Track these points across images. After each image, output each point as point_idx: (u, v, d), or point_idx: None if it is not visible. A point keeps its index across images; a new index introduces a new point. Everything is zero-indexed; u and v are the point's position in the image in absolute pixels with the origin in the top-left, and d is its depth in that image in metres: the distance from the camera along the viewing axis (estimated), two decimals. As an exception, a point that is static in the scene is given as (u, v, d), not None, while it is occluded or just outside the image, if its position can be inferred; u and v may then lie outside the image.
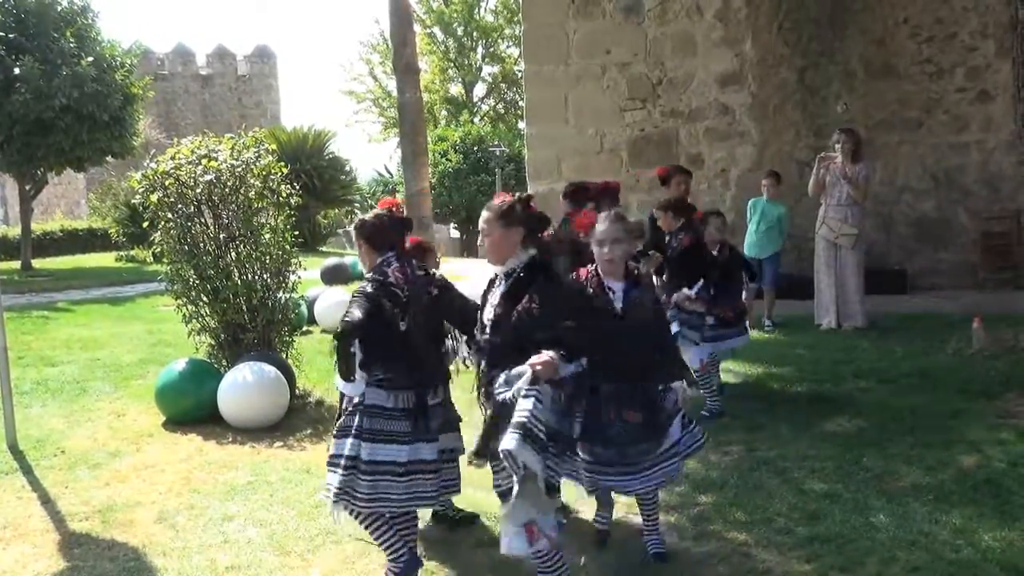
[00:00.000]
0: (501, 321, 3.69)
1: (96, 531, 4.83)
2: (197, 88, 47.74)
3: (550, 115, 12.50)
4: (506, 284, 3.77)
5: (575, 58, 12.38)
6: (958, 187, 11.83)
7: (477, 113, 43.30)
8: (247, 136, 7.74)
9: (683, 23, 12.18)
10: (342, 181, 29.35)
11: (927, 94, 11.78)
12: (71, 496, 5.38)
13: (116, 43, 20.51)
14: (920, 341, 8.45)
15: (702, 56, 12.16)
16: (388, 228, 4.15)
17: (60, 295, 16.09)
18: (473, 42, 43.23)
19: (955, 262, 11.73)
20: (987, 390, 6.65)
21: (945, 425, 5.99)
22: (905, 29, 11.76)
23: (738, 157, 12.17)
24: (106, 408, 7.44)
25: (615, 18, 12.27)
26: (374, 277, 4.03)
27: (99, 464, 5.97)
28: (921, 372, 7.35)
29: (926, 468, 5.21)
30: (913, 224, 11.90)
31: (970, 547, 4.13)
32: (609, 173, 12.37)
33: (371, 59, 44.13)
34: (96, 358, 9.54)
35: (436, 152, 30.63)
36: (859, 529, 4.38)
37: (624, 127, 12.37)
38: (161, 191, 7.30)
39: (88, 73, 18.59)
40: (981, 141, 11.72)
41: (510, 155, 32.88)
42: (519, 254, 3.79)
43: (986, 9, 11.35)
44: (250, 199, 7.43)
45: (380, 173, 43.12)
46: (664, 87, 12.27)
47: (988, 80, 11.53)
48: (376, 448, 3.88)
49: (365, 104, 45.41)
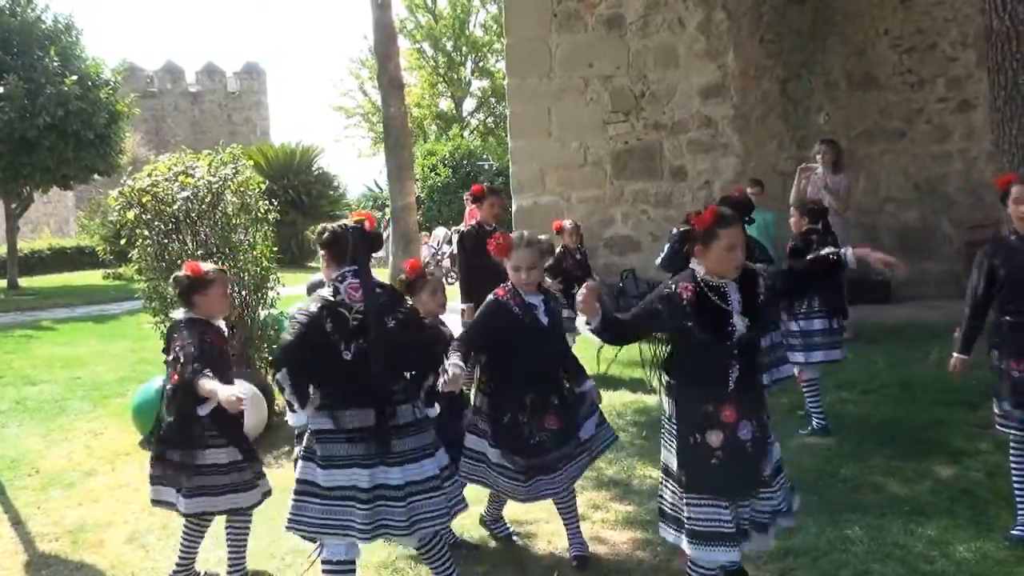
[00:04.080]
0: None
1: (65, 552, 4.78)
2: (187, 105, 47.79)
3: (533, 129, 12.50)
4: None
5: (558, 71, 12.39)
6: (941, 197, 11.85)
7: (467, 127, 43.33)
8: (224, 152, 7.71)
9: (665, 36, 12.20)
10: (330, 196, 29.35)
11: (909, 104, 11.82)
12: (42, 517, 5.33)
13: (101, 61, 20.52)
14: (902, 351, 8.44)
15: (684, 68, 12.18)
16: (349, 239, 3.70)
17: (45, 313, 16.03)
18: (463, 57, 43.27)
19: (939, 271, 11.72)
20: (967, 400, 6.62)
21: (924, 436, 5.98)
22: (886, 40, 11.80)
23: (721, 169, 12.17)
24: (84, 427, 7.39)
25: (597, 31, 12.30)
26: (321, 294, 3.69)
27: (73, 484, 5.92)
28: (902, 382, 7.33)
29: (903, 479, 5.20)
30: (896, 234, 11.90)
31: (944, 558, 4.10)
32: (593, 186, 12.42)
33: (360, 74, 44.13)
34: (77, 377, 9.49)
35: (425, 166, 30.60)
36: (834, 542, 4.35)
37: (607, 140, 12.37)
38: (138, 208, 7.26)
39: (72, 91, 18.58)
40: (963, 150, 11.75)
41: (499, 169, 32.87)
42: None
43: (965, 19, 11.39)
44: (228, 215, 7.39)
45: (370, 188, 43.11)
46: (647, 100, 12.28)
47: (969, 90, 11.57)
48: (332, 473, 3.61)
49: (355, 119, 45.38)
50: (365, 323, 3.55)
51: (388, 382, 3.61)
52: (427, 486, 3.65)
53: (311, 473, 3.63)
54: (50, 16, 20.26)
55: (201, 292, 4.20)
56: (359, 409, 3.59)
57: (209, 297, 4.21)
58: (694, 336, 3.34)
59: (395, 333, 3.61)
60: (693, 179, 12.24)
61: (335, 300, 3.60)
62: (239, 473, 4.14)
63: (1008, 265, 4.33)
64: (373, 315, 3.56)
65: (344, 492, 3.58)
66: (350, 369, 3.55)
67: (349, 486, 3.58)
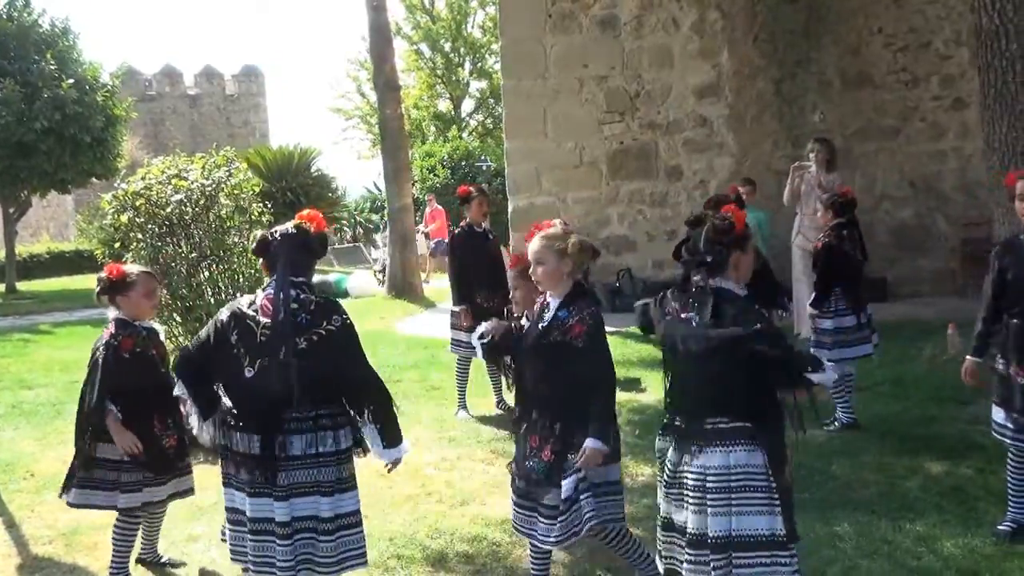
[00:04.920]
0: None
1: (58, 555, 4.80)
2: (185, 108, 47.77)
3: (529, 129, 12.52)
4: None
5: (553, 72, 12.41)
6: (936, 194, 11.88)
7: (466, 129, 43.35)
8: (218, 155, 7.75)
9: (660, 36, 12.22)
10: (329, 198, 29.31)
11: (903, 102, 11.85)
12: (36, 520, 5.35)
13: (98, 64, 20.57)
14: (897, 348, 8.44)
15: (679, 68, 12.20)
16: (277, 246, 3.44)
17: (44, 317, 16.04)
18: (461, 58, 43.30)
19: (935, 269, 11.77)
20: (959, 396, 6.64)
21: (915, 433, 6.00)
22: (880, 38, 11.83)
23: (716, 168, 12.19)
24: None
25: (592, 32, 12.32)
26: (236, 303, 3.48)
27: (67, 487, 5.93)
28: (895, 379, 7.36)
29: (894, 476, 5.22)
30: (892, 232, 11.93)
31: (932, 554, 4.13)
32: (588, 186, 12.43)
33: (358, 76, 44.16)
34: (74, 380, 9.46)
35: (424, 168, 30.62)
36: (823, 538, 4.37)
37: (603, 140, 12.39)
38: (132, 211, 7.30)
39: (69, 95, 18.63)
40: (958, 148, 11.79)
41: (497, 169, 32.90)
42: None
43: (959, 17, 11.41)
44: (222, 218, 7.43)
45: (369, 190, 43.14)
46: (642, 100, 12.30)
47: (963, 88, 11.60)
48: (231, 493, 3.46)
49: (353, 121, 45.41)
50: (271, 341, 3.28)
51: (284, 409, 3.30)
52: (322, 527, 3.37)
53: (230, 498, 3.50)
54: (47, 20, 20.36)
55: (122, 293, 4.22)
56: (246, 433, 3.37)
57: (130, 299, 4.22)
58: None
59: (309, 356, 3.26)
60: (688, 179, 12.26)
61: (245, 311, 3.39)
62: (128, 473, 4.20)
63: (1017, 267, 4.21)
64: (278, 334, 3.26)
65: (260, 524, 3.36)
66: (249, 388, 3.32)
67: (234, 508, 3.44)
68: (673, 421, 3.22)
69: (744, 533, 3.02)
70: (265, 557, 3.36)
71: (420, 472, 5.88)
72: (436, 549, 4.59)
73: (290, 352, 3.24)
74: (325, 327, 3.31)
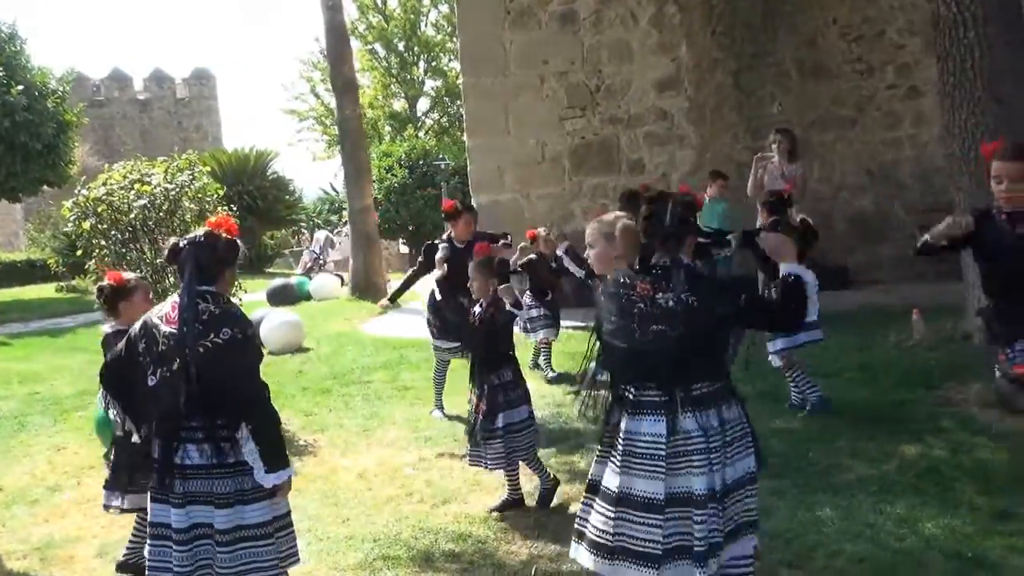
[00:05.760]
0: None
1: (34, 569, 4.69)
2: (135, 113, 47.06)
3: (490, 127, 12.49)
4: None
5: (513, 69, 12.40)
6: (894, 182, 12.05)
7: (422, 128, 43.21)
8: (180, 159, 7.63)
9: (618, 30, 12.27)
10: (286, 201, 29.12)
11: (859, 92, 12.02)
12: (8, 535, 5.23)
13: (47, 70, 20.17)
14: (862, 335, 8.56)
15: (639, 62, 12.26)
16: (186, 253, 3.39)
17: (-2, 329, 15.71)
18: (415, 57, 43.16)
19: (894, 256, 11.91)
20: (927, 380, 6.75)
21: (887, 416, 6.08)
22: (835, 29, 11.99)
23: (678, 161, 12.27)
24: (45, 442, 7.26)
25: (551, 28, 12.33)
26: (149, 311, 3.51)
27: (37, 500, 5.82)
28: (863, 365, 7.45)
29: (870, 460, 5.28)
30: (851, 220, 12.09)
31: (914, 535, 4.18)
32: (552, 182, 12.44)
33: (312, 77, 43.84)
34: (35, 392, 9.33)
35: (381, 168, 30.47)
36: (806, 524, 4.41)
37: (565, 135, 12.40)
38: (94, 218, 7.17)
39: (19, 102, 18.28)
40: (913, 136, 11.98)
41: (455, 168, 32.84)
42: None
43: (912, 7, 11.60)
44: (186, 222, 7.32)
45: (326, 191, 42.84)
46: (603, 94, 12.34)
47: (917, 76, 11.79)
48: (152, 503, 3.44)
49: (308, 122, 45.09)
50: (170, 350, 3.30)
51: (182, 416, 3.30)
52: (219, 537, 3.32)
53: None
54: (-7, 26, 19.91)
55: (126, 299, 4.31)
56: (154, 439, 3.40)
57: (133, 304, 4.29)
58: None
59: (200, 367, 3.23)
60: (651, 172, 12.31)
61: (154, 320, 3.41)
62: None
63: (996, 246, 4.15)
64: (177, 343, 3.27)
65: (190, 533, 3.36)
66: (151, 396, 3.36)
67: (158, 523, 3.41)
68: (626, 393, 3.24)
69: (747, 474, 3.25)
70: (162, 562, 3.36)
71: (399, 473, 5.84)
72: (422, 549, 4.55)
73: (184, 362, 3.24)
74: (212, 339, 3.25)
